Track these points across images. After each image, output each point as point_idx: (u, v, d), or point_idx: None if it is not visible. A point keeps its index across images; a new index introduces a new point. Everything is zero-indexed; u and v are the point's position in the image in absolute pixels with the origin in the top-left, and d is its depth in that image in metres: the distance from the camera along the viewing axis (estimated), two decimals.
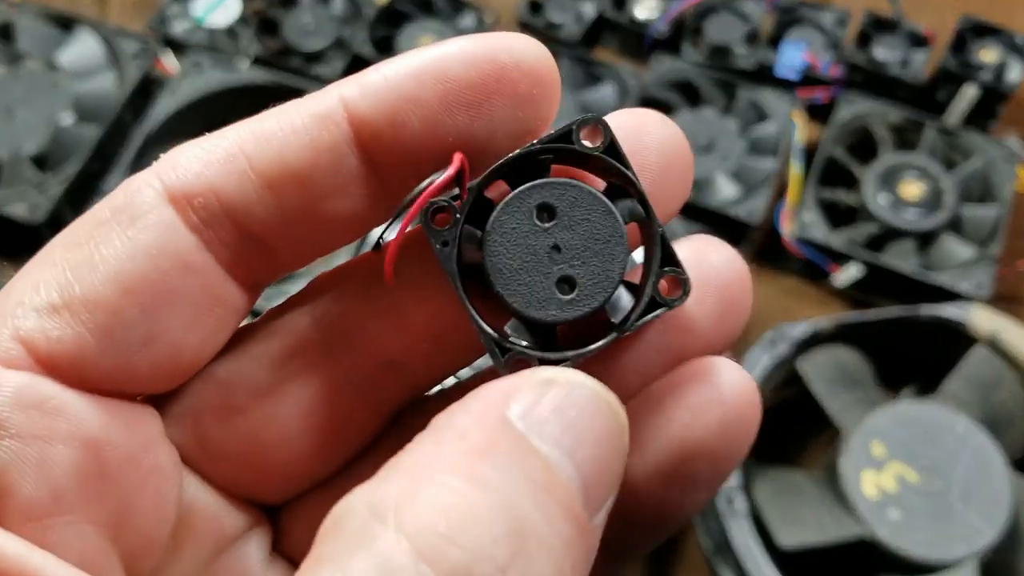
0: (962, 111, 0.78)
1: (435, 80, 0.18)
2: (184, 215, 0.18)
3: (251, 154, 0.18)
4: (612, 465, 0.16)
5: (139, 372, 0.18)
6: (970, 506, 0.57)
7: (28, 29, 0.76)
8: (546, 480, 0.15)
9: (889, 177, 0.73)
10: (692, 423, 0.19)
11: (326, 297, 0.21)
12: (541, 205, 0.19)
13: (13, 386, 0.16)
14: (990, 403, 0.62)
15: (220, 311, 0.19)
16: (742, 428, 0.19)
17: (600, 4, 0.84)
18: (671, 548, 0.65)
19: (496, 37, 0.19)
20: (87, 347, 0.17)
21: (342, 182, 0.18)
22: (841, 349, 0.65)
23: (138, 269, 0.18)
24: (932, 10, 0.89)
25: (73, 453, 0.17)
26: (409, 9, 0.83)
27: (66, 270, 0.18)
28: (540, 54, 0.19)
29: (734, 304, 0.20)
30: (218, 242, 0.18)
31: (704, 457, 0.19)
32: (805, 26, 0.83)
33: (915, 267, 0.70)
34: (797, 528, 0.58)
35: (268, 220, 0.18)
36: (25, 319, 0.17)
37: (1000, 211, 0.72)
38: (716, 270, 0.20)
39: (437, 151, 0.18)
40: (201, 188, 0.18)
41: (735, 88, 0.77)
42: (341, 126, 0.18)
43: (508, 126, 0.19)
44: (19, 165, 0.70)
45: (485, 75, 0.18)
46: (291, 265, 0.20)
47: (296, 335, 0.21)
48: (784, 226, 0.72)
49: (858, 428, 0.60)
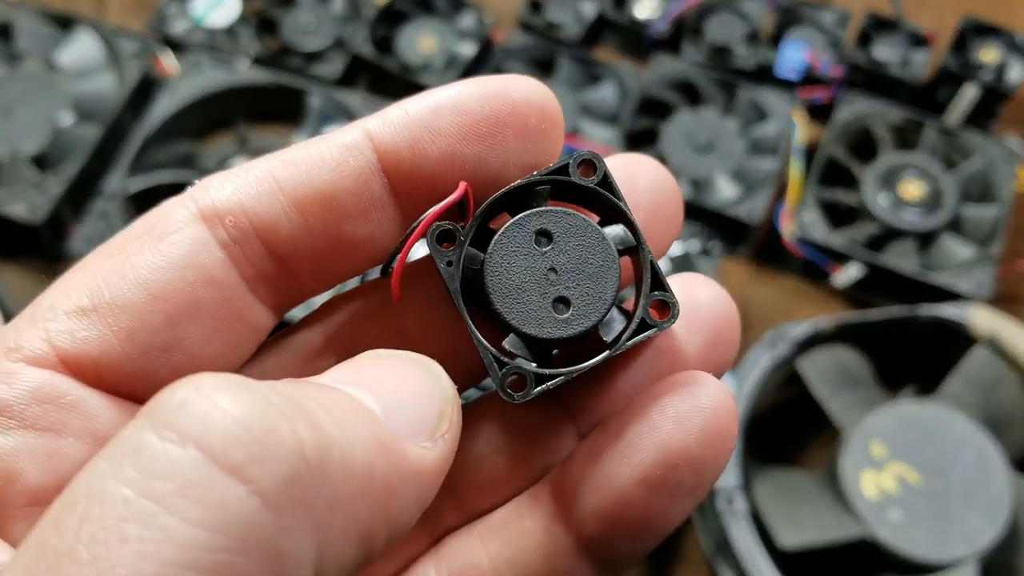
0: (962, 111, 0.78)
1: (453, 113, 0.20)
2: (215, 232, 0.19)
3: (280, 177, 0.19)
4: (416, 399, 0.18)
5: (158, 377, 0.19)
6: (970, 506, 0.57)
7: (27, 29, 0.76)
8: (345, 403, 0.17)
9: (889, 177, 0.73)
10: (675, 431, 0.20)
11: (338, 316, 0.22)
12: (540, 231, 0.20)
13: (33, 381, 0.18)
14: (990, 403, 0.62)
15: (240, 327, 0.20)
16: (723, 436, 0.20)
17: (600, 4, 0.84)
18: (671, 548, 0.65)
19: (505, 78, 0.20)
20: (111, 349, 0.18)
21: (365, 205, 0.20)
22: (841, 349, 0.65)
23: (166, 279, 0.19)
24: (933, 10, 0.89)
25: (84, 448, 0.18)
26: (409, 9, 0.83)
27: (97, 277, 0.19)
28: (546, 94, 0.21)
29: (721, 337, 0.21)
30: (245, 260, 0.20)
31: (688, 465, 0.20)
32: (806, 26, 0.83)
33: (915, 267, 0.70)
34: (797, 528, 0.58)
35: (294, 239, 0.20)
36: (55, 321, 0.18)
37: (1000, 211, 0.72)
38: (705, 305, 0.21)
39: (454, 179, 0.20)
40: (232, 207, 0.19)
41: (735, 88, 0.77)
42: (366, 154, 0.20)
43: (518, 156, 0.20)
44: (18, 165, 0.70)
45: (498, 109, 0.20)
46: (311, 289, 0.21)
47: (309, 351, 0.22)
48: (784, 226, 0.72)
49: (858, 428, 0.60)
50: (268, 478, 0.14)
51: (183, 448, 0.14)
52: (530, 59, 0.81)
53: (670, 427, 0.20)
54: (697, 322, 0.21)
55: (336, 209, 0.20)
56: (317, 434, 0.15)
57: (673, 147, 0.75)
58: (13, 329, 0.19)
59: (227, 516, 0.14)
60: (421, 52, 0.80)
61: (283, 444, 0.15)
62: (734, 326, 0.21)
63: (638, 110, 0.77)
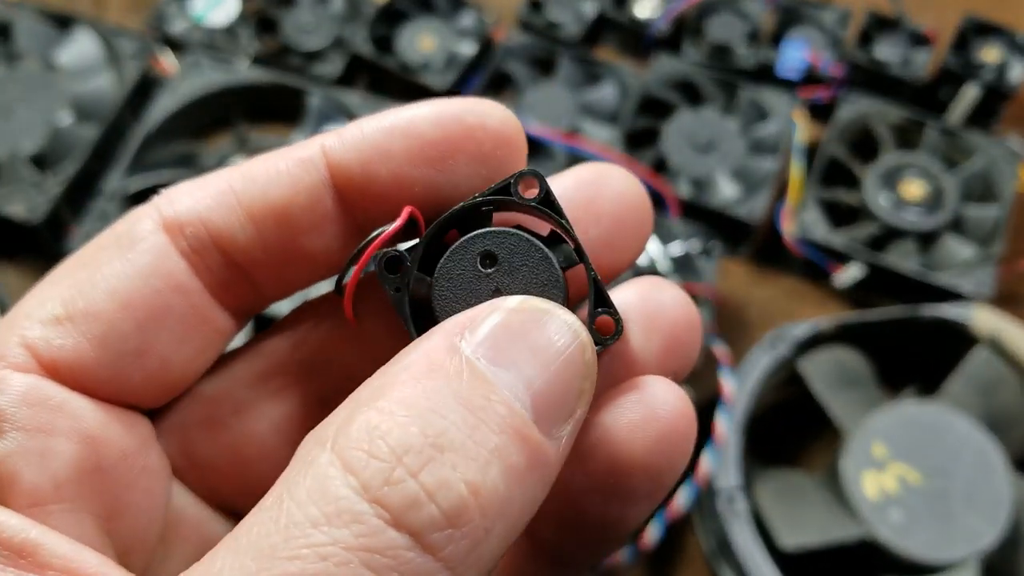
0: (964, 111, 0.78)
1: (403, 136, 0.20)
2: (176, 242, 0.20)
3: (239, 190, 0.20)
4: (569, 384, 0.17)
5: (132, 382, 0.20)
6: (971, 507, 0.57)
7: (26, 28, 0.76)
8: (482, 398, 0.16)
9: (890, 177, 0.73)
10: (627, 439, 0.20)
11: (304, 326, 0.23)
12: (484, 253, 0.20)
13: (20, 386, 0.18)
14: (991, 403, 0.62)
15: (206, 331, 0.21)
16: (677, 443, 0.20)
17: (600, 3, 0.83)
18: (671, 548, 0.65)
19: (465, 101, 0.20)
20: (86, 355, 0.19)
21: (318, 220, 0.20)
22: (842, 349, 0.65)
23: (134, 287, 0.19)
24: (934, 9, 0.89)
25: (73, 447, 0.19)
26: (408, 8, 0.83)
27: (70, 286, 0.19)
28: (505, 118, 0.21)
29: (679, 342, 0.21)
30: (205, 268, 0.20)
31: (641, 472, 0.20)
32: (806, 25, 0.83)
33: (916, 267, 0.70)
34: (798, 529, 0.58)
35: (251, 250, 0.20)
36: (31, 329, 0.19)
37: (1001, 211, 0.72)
38: (662, 309, 0.21)
39: (404, 199, 0.20)
40: (192, 218, 0.20)
41: (736, 87, 0.77)
42: (320, 170, 0.20)
43: (472, 182, 0.20)
44: (17, 165, 0.70)
45: (449, 134, 0.20)
46: (272, 296, 0.22)
47: (277, 358, 0.23)
48: (785, 226, 0.72)
49: (859, 429, 0.60)
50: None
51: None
52: (530, 58, 0.81)
53: (623, 435, 0.20)
54: (654, 327, 0.21)
55: (290, 223, 0.20)
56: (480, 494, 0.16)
57: (673, 147, 0.75)
58: None
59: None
60: (421, 51, 0.80)
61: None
62: (694, 329, 0.21)
63: (638, 110, 0.77)
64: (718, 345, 0.60)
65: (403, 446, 0.16)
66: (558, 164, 0.75)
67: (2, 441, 0.18)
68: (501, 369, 0.17)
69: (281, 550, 0.15)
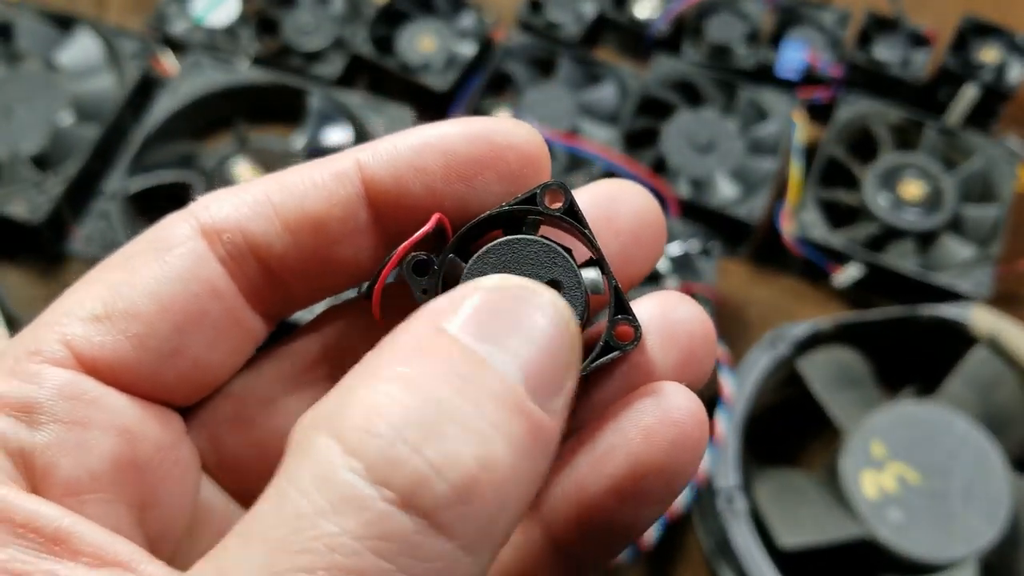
0: (962, 111, 0.78)
1: (437, 152, 0.21)
2: (214, 248, 0.21)
3: (276, 201, 0.21)
4: (557, 357, 0.18)
5: (167, 381, 0.21)
6: (970, 506, 0.57)
7: (27, 28, 0.76)
8: (475, 373, 0.17)
9: (889, 177, 0.73)
10: (645, 443, 0.21)
11: (331, 328, 0.23)
12: (509, 258, 0.20)
13: (59, 380, 0.19)
14: (990, 403, 0.62)
15: (239, 334, 0.22)
16: (691, 447, 0.21)
17: (600, 3, 0.84)
18: (671, 547, 0.65)
19: (494, 120, 0.21)
20: (124, 353, 0.20)
21: (351, 231, 0.21)
22: (841, 349, 0.65)
23: (173, 290, 0.20)
24: (933, 10, 0.89)
25: (109, 440, 0.19)
26: (409, 8, 0.83)
27: (109, 288, 0.20)
28: (531, 138, 0.21)
29: (695, 355, 0.22)
30: (241, 274, 0.21)
31: (656, 475, 0.21)
32: (806, 26, 0.83)
33: (915, 267, 0.70)
34: (797, 528, 0.58)
35: (286, 258, 0.21)
36: (71, 326, 0.20)
37: (1000, 211, 0.72)
38: (681, 323, 0.22)
39: (433, 211, 0.21)
40: (230, 226, 0.21)
41: (735, 88, 0.77)
42: (355, 184, 0.21)
43: (499, 198, 0.21)
44: (18, 165, 0.70)
45: (481, 152, 0.21)
46: (303, 301, 0.23)
47: (304, 358, 0.23)
48: (784, 226, 0.72)
49: (858, 428, 0.60)
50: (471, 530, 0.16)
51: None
52: (530, 59, 0.81)
53: (640, 439, 0.20)
54: (672, 340, 0.22)
55: (325, 233, 0.21)
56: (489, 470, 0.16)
57: (673, 147, 0.75)
58: (31, 334, 0.20)
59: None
60: (421, 52, 0.80)
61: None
62: (710, 344, 0.22)
63: (638, 110, 0.77)
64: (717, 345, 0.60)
65: (403, 422, 0.16)
66: (559, 164, 0.76)
67: (40, 433, 0.18)
68: (488, 345, 0.17)
69: (291, 543, 0.15)
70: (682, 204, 0.72)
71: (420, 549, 0.15)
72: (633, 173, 0.72)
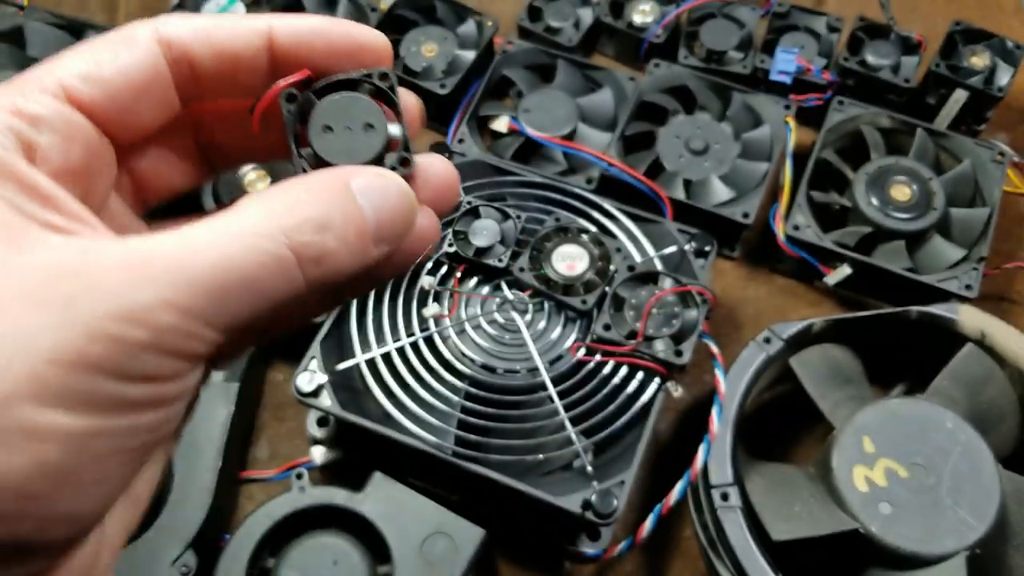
0: (952, 115, 0.80)
1: (324, 39, 0.29)
2: (164, 51, 0.28)
3: (212, 34, 0.29)
4: (398, 221, 0.28)
5: (125, 124, 0.28)
6: (959, 501, 0.58)
7: (38, 35, 0.77)
8: (354, 215, 0.26)
9: (880, 180, 0.74)
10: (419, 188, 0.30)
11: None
12: (346, 104, 0.29)
13: (57, 106, 0.26)
14: (978, 400, 0.63)
15: (170, 112, 0.29)
16: (447, 196, 0.31)
17: (598, 9, 0.85)
18: (666, 540, 0.66)
19: (362, 27, 0.30)
20: (101, 101, 0.27)
21: (256, 67, 0.29)
22: (833, 347, 0.66)
23: (136, 70, 0.28)
24: (923, 17, 0.91)
25: (80, 150, 0.27)
26: (412, 15, 0.84)
27: (86, 59, 0.27)
28: (381, 43, 0.30)
29: (440, 190, 0.31)
30: (177, 73, 0.29)
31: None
32: (799, 32, 0.85)
33: (905, 268, 0.71)
34: (790, 522, 0.58)
35: (206, 76, 0.29)
36: (67, 79, 0.26)
37: (988, 213, 0.73)
38: (434, 168, 0.31)
39: (305, 69, 0.30)
40: (177, 41, 0.28)
41: (730, 92, 0.79)
42: (262, 35, 0.29)
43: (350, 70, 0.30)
44: None
45: (349, 46, 0.29)
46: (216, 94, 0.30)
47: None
48: (777, 227, 0.73)
49: (849, 424, 0.60)
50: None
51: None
52: (529, 64, 0.82)
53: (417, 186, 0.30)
54: (427, 181, 0.31)
55: (237, 63, 0.29)
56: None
57: (669, 151, 0.77)
58: (20, 77, 0.26)
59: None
60: (423, 57, 0.82)
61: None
62: (453, 185, 0.31)
63: (635, 115, 0.78)
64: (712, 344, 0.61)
65: (309, 220, 0.25)
66: (557, 167, 0.77)
67: (43, 136, 0.26)
68: (367, 202, 0.27)
69: (300, 197, 0.26)
70: (677, 206, 0.73)
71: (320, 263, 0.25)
72: (630, 176, 0.73)
